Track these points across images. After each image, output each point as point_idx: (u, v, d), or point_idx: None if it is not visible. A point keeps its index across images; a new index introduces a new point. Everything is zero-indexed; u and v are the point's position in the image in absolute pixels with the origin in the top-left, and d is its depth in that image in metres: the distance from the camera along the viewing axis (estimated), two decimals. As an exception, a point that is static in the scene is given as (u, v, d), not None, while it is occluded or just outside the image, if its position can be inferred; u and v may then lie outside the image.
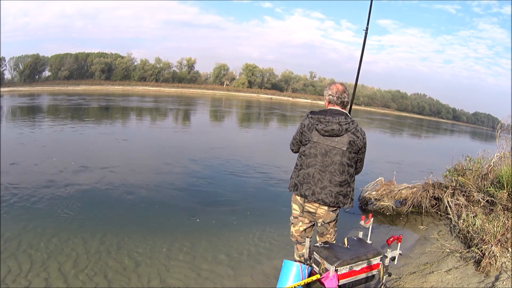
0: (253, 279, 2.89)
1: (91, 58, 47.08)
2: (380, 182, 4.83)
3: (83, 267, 2.83)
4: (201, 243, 3.44)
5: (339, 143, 2.28)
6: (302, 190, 2.36)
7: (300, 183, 2.38)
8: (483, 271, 2.67)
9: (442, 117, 62.73)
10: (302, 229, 2.51)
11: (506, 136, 4.68)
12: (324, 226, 2.47)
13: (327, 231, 2.49)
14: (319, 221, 2.45)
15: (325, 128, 2.27)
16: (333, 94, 2.35)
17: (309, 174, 2.33)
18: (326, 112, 2.33)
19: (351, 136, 2.29)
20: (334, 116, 2.29)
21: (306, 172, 2.34)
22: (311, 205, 2.40)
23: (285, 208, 4.59)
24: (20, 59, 42.70)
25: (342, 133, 2.27)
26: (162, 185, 5.23)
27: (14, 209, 3.87)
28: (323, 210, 2.38)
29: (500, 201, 3.74)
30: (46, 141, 8.19)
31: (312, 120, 2.32)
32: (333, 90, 2.36)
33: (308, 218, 2.48)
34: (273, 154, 8.57)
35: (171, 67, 52.30)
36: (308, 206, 2.41)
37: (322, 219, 2.42)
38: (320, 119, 2.29)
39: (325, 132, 2.28)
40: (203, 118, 19.33)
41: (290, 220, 2.56)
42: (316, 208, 2.39)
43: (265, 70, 56.76)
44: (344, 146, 2.28)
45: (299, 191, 2.38)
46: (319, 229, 2.52)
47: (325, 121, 2.28)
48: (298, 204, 2.46)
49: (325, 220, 2.43)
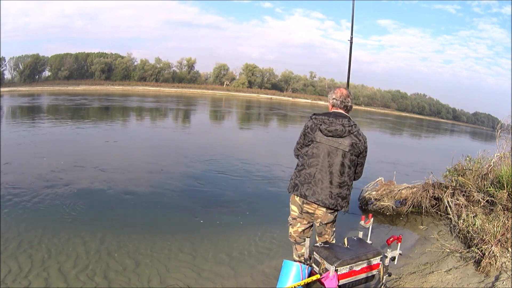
0: (253, 279, 2.89)
1: (91, 58, 47.05)
2: (380, 182, 4.83)
3: (83, 267, 2.83)
4: (201, 243, 3.44)
5: (342, 144, 2.31)
6: (302, 190, 2.37)
7: (301, 183, 2.38)
8: (483, 271, 2.67)
9: (442, 117, 62.69)
10: (301, 230, 2.53)
11: (506, 136, 4.68)
12: (322, 227, 2.48)
13: (325, 231, 2.50)
14: (317, 222, 2.46)
15: (328, 128, 2.30)
16: (337, 98, 2.41)
17: (311, 174, 2.34)
18: (330, 114, 2.38)
19: (354, 138, 2.32)
20: (338, 118, 2.33)
21: (308, 172, 2.36)
22: (310, 206, 2.41)
23: (285, 208, 4.57)
24: (20, 59, 42.69)
25: (345, 134, 2.31)
26: (162, 185, 5.23)
27: (14, 209, 3.87)
28: (322, 211, 2.39)
29: (500, 201, 3.74)
30: (47, 141, 8.19)
31: (316, 121, 2.35)
32: (337, 94, 2.42)
33: (306, 219, 2.49)
34: (273, 154, 8.57)
35: (171, 67, 52.31)
36: (307, 207, 2.42)
37: (320, 219, 2.43)
38: (324, 120, 2.33)
39: (329, 132, 2.30)
40: (203, 118, 19.34)
41: (289, 221, 2.58)
42: (315, 209, 2.40)
43: (265, 70, 56.77)
44: (346, 148, 2.31)
45: (299, 191, 2.38)
46: (317, 229, 2.53)
47: (329, 122, 2.31)
48: (297, 205, 2.47)
49: (323, 221, 2.44)
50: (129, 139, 9.77)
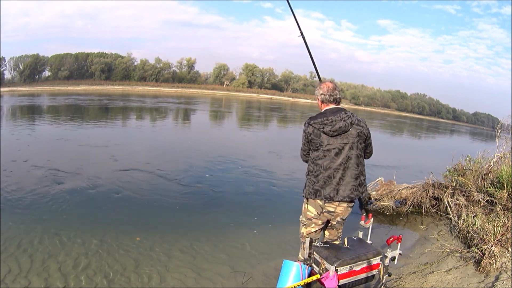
0: (253, 279, 2.89)
1: (91, 58, 47.03)
2: (380, 182, 4.83)
3: (83, 267, 2.83)
4: (201, 243, 3.44)
5: (350, 138, 2.32)
6: (325, 193, 2.34)
7: (322, 188, 2.35)
8: (483, 271, 2.67)
9: (442, 117, 62.64)
10: (314, 231, 2.51)
11: (506, 136, 4.68)
12: (339, 223, 2.51)
13: (340, 226, 2.55)
14: (337, 219, 2.47)
15: (332, 128, 2.29)
16: (325, 92, 2.38)
17: (330, 176, 2.33)
18: (326, 114, 2.34)
19: (357, 127, 2.34)
20: (335, 114, 2.31)
21: (326, 175, 2.33)
22: (331, 204, 2.40)
23: (285, 208, 4.60)
24: (20, 59, 42.70)
25: (349, 127, 2.31)
26: (162, 186, 5.23)
27: (14, 209, 3.87)
28: (343, 207, 2.40)
29: (500, 201, 3.74)
30: (49, 140, 8.19)
31: (316, 125, 2.32)
32: (324, 89, 2.40)
33: (322, 220, 2.48)
34: (273, 154, 8.57)
35: (171, 67, 52.29)
36: (328, 206, 2.41)
37: (340, 216, 2.45)
38: (324, 122, 2.31)
39: (334, 132, 2.30)
40: (203, 118, 19.33)
41: (302, 220, 2.54)
42: (336, 206, 2.40)
43: (265, 70, 56.78)
44: (355, 139, 2.33)
45: (323, 195, 2.35)
46: (333, 226, 2.54)
47: (330, 122, 2.30)
48: (316, 206, 2.42)
49: (343, 217, 2.47)
50: (130, 139, 9.77)
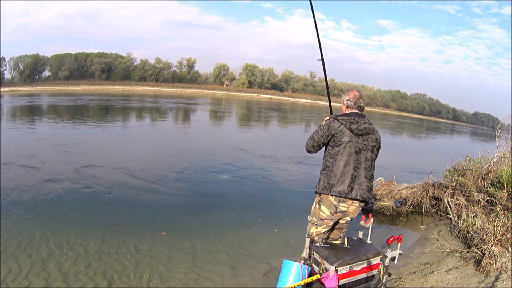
0: (253, 279, 2.89)
1: (91, 58, 47.03)
2: (380, 182, 4.83)
3: (83, 267, 2.83)
4: (201, 243, 3.44)
5: (370, 141, 2.47)
6: (340, 188, 2.39)
7: (337, 182, 2.41)
8: (483, 271, 2.67)
9: (442, 117, 62.66)
10: (324, 231, 2.52)
11: (506, 136, 4.68)
12: (347, 223, 2.56)
13: (346, 226, 2.61)
14: (346, 219, 2.52)
15: (359, 127, 2.42)
16: (351, 99, 2.57)
17: (346, 172, 2.41)
18: (351, 115, 2.50)
19: (376, 134, 2.53)
20: (361, 117, 2.48)
21: (343, 171, 2.41)
22: (345, 203, 2.43)
23: (285, 208, 4.60)
24: (20, 59, 42.71)
25: (371, 132, 2.47)
26: (162, 186, 5.23)
27: (14, 209, 3.87)
28: (355, 206, 2.45)
29: (500, 201, 3.74)
30: (49, 140, 8.19)
31: (343, 122, 2.45)
32: (350, 95, 2.59)
33: (334, 220, 2.50)
34: (274, 154, 8.56)
35: (171, 67, 52.28)
36: (342, 205, 2.43)
37: (350, 215, 2.50)
38: (351, 120, 2.44)
39: (359, 130, 2.43)
40: (204, 118, 19.33)
41: (312, 221, 2.54)
42: (349, 205, 2.44)
43: (265, 70, 56.73)
44: (374, 143, 2.49)
45: (337, 190, 2.39)
46: (340, 226, 2.58)
47: (356, 122, 2.43)
48: (330, 205, 2.44)
49: (353, 216, 2.52)
50: (130, 139, 9.77)
